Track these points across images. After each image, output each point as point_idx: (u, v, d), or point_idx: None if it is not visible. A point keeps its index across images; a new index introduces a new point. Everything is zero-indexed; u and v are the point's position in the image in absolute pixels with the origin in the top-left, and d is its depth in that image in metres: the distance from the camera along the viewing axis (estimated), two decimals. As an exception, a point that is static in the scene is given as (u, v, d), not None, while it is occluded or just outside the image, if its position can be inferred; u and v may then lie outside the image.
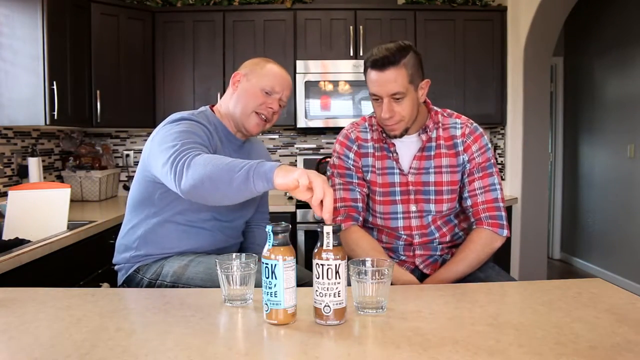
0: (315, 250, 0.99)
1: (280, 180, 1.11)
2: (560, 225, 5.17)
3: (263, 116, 1.56)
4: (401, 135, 1.51)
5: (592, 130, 4.61)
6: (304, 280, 1.58)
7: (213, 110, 1.62)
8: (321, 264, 0.97)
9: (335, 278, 0.97)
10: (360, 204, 1.57)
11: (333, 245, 0.98)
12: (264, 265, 0.98)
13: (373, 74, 1.43)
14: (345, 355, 0.83)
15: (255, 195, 1.20)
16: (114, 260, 1.58)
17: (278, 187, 1.12)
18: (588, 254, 4.70)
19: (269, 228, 0.99)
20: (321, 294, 0.98)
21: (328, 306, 0.97)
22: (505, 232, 1.52)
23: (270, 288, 0.98)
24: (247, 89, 1.56)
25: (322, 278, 0.97)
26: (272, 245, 0.98)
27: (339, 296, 0.97)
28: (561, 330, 0.93)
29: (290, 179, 1.09)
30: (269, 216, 1.86)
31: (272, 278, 0.97)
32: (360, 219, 1.57)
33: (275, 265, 0.97)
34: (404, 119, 1.46)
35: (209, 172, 1.20)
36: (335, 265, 0.97)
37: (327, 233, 0.97)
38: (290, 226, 1.01)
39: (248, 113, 1.55)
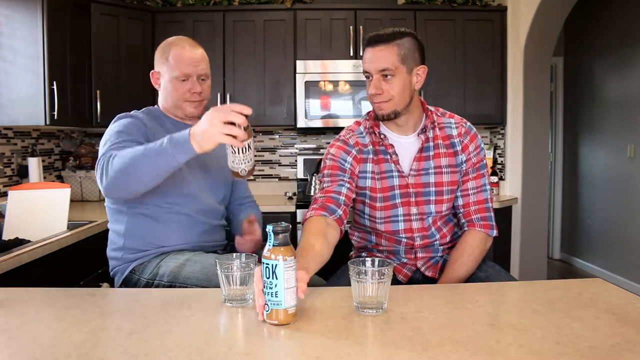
0: None
1: (201, 149, 1.22)
2: (560, 225, 5.17)
3: (194, 100, 1.59)
4: (389, 118, 1.48)
5: (592, 130, 4.61)
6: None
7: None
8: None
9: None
10: (342, 197, 1.45)
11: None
12: (265, 265, 0.98)
13: (366, 51, 1.46)
14: (345, 355, 0.83)
15: (180, 166, 1.28)
16: (110, 269, 1.59)
17: (203, 152, 1.24)
18: (588, 254, 4.70)
19: (269, 228, 0.99)
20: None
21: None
22: (495, 232, 1.54)
23: (271, 288, 0.98)
24: (165, 85, 1.61)
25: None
26: (273, 246, 0.98)
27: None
28: (561, 330, 0.93)
29: (209, 145, 1.21)
30: (252, 196, 1.87)
31: (272, 278, 0.97)
32: (339, 212, 1.42)
33: (276, 265, 0.97)
34: (392, 99, 1.45)
35: (127, 160, 1.28)
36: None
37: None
38: (291, 226, 1.01)
39: (179, 105, 1.60)
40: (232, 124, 1.17)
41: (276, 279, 0.97)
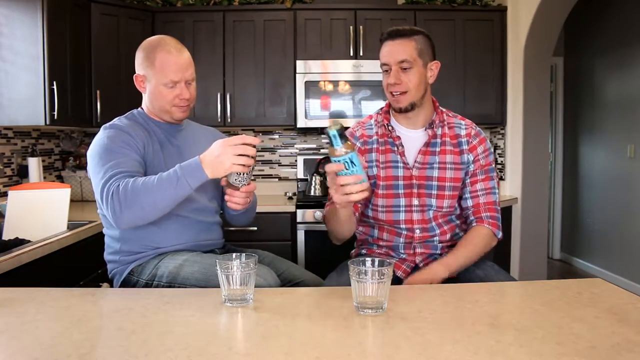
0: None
1: (213, 175, 1.33)
2: (560, 225, 5.17)
3: (182, 105, 1.58)
4: (406, 110, 1.55)
5: (592, 130, 4.61)
6: (300, 279, 1.58)
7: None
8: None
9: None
10: None
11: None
12: (344, 161, 1.18)
13: (385, 45, 1.55)
14: (345, 355, 0.83)
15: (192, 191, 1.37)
16: (108, 272, 1.59)
17: (214, 178, 1.35)
18: (588, 254, 4.70)
19: (333, 132, 1.16)
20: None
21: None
22: (500, 234, 1.58)
23: (355, 175, 1.20)
24: (152, 90, 1.58)
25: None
26: (343, 142, 1.17)
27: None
28: (561, 330, 0.93)
29: (221, 173, 1.33)
30: None
31: (353, 167, 1.19)
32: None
33: (353, 155, 1.18)
34: (410, 91, 1.52)
35: (144, 194, 1.33)
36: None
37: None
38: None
39: (167, 109, 1.59)
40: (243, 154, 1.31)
41: (356, 165, 1.19)
